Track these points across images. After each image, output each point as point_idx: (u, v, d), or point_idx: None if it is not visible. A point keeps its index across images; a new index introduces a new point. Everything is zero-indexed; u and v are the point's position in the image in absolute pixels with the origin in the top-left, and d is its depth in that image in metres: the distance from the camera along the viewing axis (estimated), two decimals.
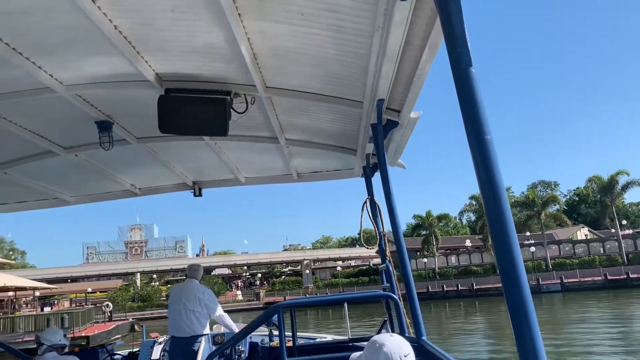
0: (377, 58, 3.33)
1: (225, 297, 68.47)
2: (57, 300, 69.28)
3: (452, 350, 21.26)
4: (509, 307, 1.83)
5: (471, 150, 1.93)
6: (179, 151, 5.92)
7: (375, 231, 5.21)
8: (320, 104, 4.53)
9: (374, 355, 1.97)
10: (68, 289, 73.03)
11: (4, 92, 3.93)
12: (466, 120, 1.98)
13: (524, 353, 1.77)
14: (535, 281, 53.73)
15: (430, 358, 3.48)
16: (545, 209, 63.49)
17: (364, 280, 64.90)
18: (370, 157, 5.40)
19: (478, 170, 1.91)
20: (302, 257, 78.08)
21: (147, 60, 3.75)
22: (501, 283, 1.87)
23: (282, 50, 3.63)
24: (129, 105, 4.55)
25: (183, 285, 6.12)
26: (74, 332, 28.32)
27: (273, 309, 3.88)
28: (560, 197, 73.96)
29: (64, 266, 76.11)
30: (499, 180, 1.88)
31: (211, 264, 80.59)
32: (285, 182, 7.19)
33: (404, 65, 3.44)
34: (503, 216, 1.86)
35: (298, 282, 74.55)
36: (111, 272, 76.77)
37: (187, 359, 5.59)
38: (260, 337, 6.54)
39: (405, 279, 4.24)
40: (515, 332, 1.79)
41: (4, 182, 5.86)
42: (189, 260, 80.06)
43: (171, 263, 78.45)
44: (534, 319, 1.79)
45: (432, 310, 44.27)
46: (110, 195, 7.18)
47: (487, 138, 1.92)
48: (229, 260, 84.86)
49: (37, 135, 4.88)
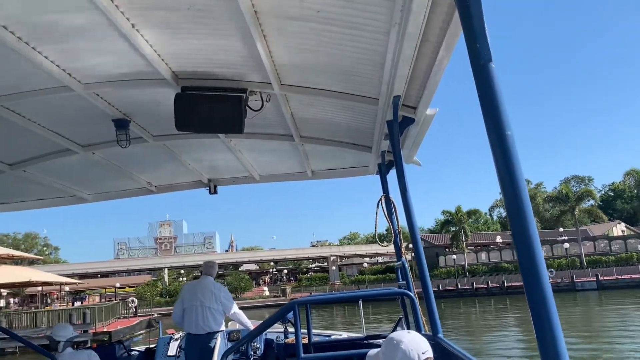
0: (394, 54, 3.31)
1: (251, 293, 69.03)
2: (88, 295, 70.47)
3: (483, 350, 20.64)
4: (530, 305, 1.81)
5: (491, 146, 1.92)
6: (195, 149, 5.96)
7: (391, 228, 5.17)
8: (335, 101, 4.52)
9: (391, 353, 1.98)
10: (97, 284, 74.45)
11: (23, 90, 4.00)
12: (486, 116, 1.96)
13: (545, 351, 1.76)
14: (570, 279, 52.36)
15: (447, 355, 3.44)
16: (579, 204, 61.93)
17: (392, 277, 63.05)
18: (386, 154, 5.37)
19: (498, 166, 1.89)
20: (328, 253, 77.75)
21: (164, 58, 3.78)
22: (522, 281, 1.87)
23: (298, 48, 3.64)
24: (145, 104, 4.60)
25: (198, 282, 6.17)
26: (96, 327, 28.46)
27: (288, 305, 3.90)
28: (595, 192, 71.50)
29: (94, 261, 77.46)
30: (519, 176, 1.86)
31: (237, 259, 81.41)
32: (300, 179, 7.21)
33: (421, 61, 3.42)
34: (524, 213, 1.84)
35: (324, 278, 74.33)
36: (139, 267, 77.68)
37: (204, 356, 5.65)
38: (275, 333, 6.58)
39: (421, 277, 4.21)
40: (536, 331, 1.78)
41: (23, 180, 5.97)
42: (217, 256, 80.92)
43: (198, 258, 78.54)
44: (555, 317, 1.77)
45: (462, 307, 43.22)
46: (127, 193, 7.28)
47: (507, 134, 1.89)
48: (256, 256, 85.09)
49: (56, 134, 4.95)
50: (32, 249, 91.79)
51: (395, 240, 5.23)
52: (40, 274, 40.60)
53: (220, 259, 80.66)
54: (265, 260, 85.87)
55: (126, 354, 6.58)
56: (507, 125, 1.91)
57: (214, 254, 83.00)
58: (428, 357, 1.98)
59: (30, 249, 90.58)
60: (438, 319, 3.95)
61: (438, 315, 3.99)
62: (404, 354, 1.94)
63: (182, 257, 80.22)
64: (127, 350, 6.62)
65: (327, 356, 4.75)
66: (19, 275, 35.00)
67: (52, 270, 64.66)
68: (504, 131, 1.90)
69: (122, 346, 6.60)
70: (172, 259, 79.00)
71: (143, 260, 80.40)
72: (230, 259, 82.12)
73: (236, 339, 6.26)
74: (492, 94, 1.95)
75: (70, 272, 68.30)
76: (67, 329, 4.95)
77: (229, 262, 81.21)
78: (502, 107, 1.93)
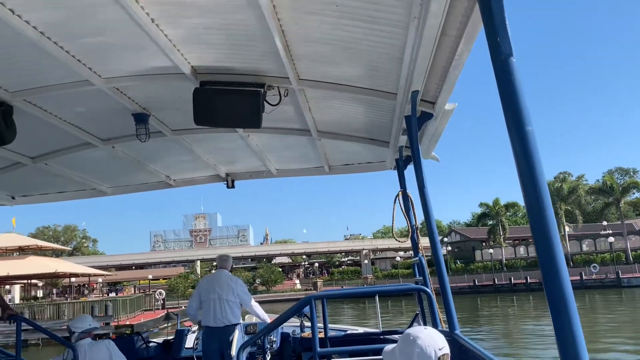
0: (412, 49, 3.27)
1: (282, 286, 68.65)
2: (124, 286, 71.68)
3: (518, 348, 19.75)
4: (549, 303, 1.79)
5: (511, 142, 1.89)
6: (213, 143, 6.00)
7: (408, 224, 5.11)
8: (353, 96, 4.50)
9: (408, 348, 1.99)
10: (130, 275, 75.78)
11: (45, 85, 4.07)
12: (507, 111, 1.93)
13: (564, 349, 1.73)
14: (615, 274, 50.89)
15: (464, 352, 3.42)
16: (624, 196, 59.86)
17: None
18: (403, 149, 5.30)
19: (518, 162, 1.86)
20: (361, 246, 76.46)
21: (183, 53, 3.80)
22: (542, 279, 1.84)
23: (316, 42, 3.62)
24: (164, 98, 4.64)
25: (214, 275, 6.22)
26: (118, 320, 28.44)
27: (305, 300, 3.91)
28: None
29: (129, 253, 78.90)
30: (540, 172, 1.83)
31: (269, 252, 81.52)
32: (317, 174, 7.20)
33: (440, 56, 3.38)
34: (544, 209, 1.81)
35: (357, 272, 73.10)
36: (171, 259, 78.48)
37: (223, 348, 5.73)
38: (291, 327, 6.61)
39: (439, 273, 4.17)
40: (555, 328, 1.75)
41: (45, 173, 6.06)
42: (249, 248, 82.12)
43: (230, 251, 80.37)
44: (575, 315, 1.74)
45: (499, 303, 41.51)
46: (146, 187, 7.35)
47: (528, 129, 1.87)
48: (287, 249, 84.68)
49: (76, 127, 5.02)
50: (71, 241, 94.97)
51: (413, 236, 5.19)
52: (67, 265, 41.21)
53: (252, 252, 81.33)
54: (298, 254, 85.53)
55: (144, 345, 6.67)
56: (528, 121, 1.87)
57: (248, 247, 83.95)
58: (445, 353, 1.98)
59: (69, 241, 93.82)
60: (455, 315, 3.92)
61: (455, 312, 3.93)
62: (420, 350, 1.94)
63: (214, 250, 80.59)
64: (145, 341, 6.70)
65: (342, 350, 4.74)
66: (46, 266, 35.71)
67: (88, 262, 66.17)
68: (524, 127, 1.86)
69: (140, 338, 6.68)
70: (204, 251, 79.65)
71: (175, 252, 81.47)
72: (262, 252, 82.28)
73: (253, 332, 6.32)
74: (512, 89, 1.92)
75: (105, 263, 70.73)
76: (85, 321, 5.05)
77: (261, 254, 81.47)
78: (522, 103, 1.90)
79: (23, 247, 39.56)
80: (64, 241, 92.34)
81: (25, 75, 3.91)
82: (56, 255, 73.26)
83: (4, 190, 6.73)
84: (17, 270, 34.14)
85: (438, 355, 1.95)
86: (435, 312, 4.26)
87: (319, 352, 3.70)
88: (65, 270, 37.61)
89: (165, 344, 6.92)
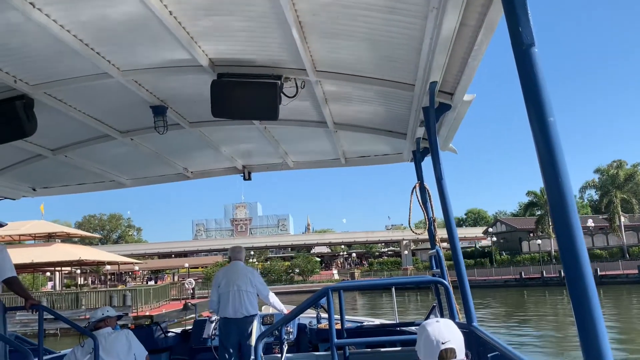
0: (431, 39, 3.25)
1: (319, 276, 67.53)
2: (166, 274, 72.43)
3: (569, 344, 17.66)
4: (572, 299, 1.78)
5: (533, 132, 1.88)
6: (230, 136, 6.03)
7: (425, 216, 5.13)
8: (370, 87, 4.49)
9: (419, 338, 2.14)
10: (168, 264, 76.45)
11: (65, 77, 4.11)
12: (528, 102, 1.91)
13: (588, 348, 1.72)
14: None
15: (481, 344, 3.43)
16: None
17: (469, 263, 57.74)
18: (421, 141, 5.29)
19: (540, 153, 1.84)
20: (401, 236, 72.83)
21: (201, 45, 3.82)
22: (565, 275, 1.83)
23: (333, 33, 3.61)
24: (182, 90, 4.67)
25: (231, 267, 6.25)
26: (137, 310, 27.84)
27: (322, 291, 3.94)
28: None
29: (170, 241, 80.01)
30: (562, 163, 1.82)
31: (306, 241, 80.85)
32: (333, 166, 7.20)
33: (459, 46, 3.34)
34: (566, 202, 1.80)
35: (397, 263, 70.99)
36: (209, 248, 78.70)
37: (242, 339, 5.79)
38: (308, 319, 6.65)
39: (456, 265, 4.17)
40: (578, 325, 1.74)
41: (65, 165, 6.15)
42: (288, 237, 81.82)
43: (268, 240, 79.87)
44: (598, 312, 1.73)
45: (547, 298, 38.02)
46: (164, 178, 7.41)
47: (550, 120, 1.85)
48: (325, 239, 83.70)
49: (96, 120, 5.07)
50: (116, 230, 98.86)
51: (430, 228, 5.19)
52: (93, 252, 41.20)
53: (289, 241, 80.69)
54: (335, 243, 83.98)
55: (163, 335, 6.73)
56: (550, 112, 1.86)
57: (288, 236, 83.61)
58: (448, 347, 2.03)
59: (114, 230, 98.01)
60: (473, 307, 3.91)
61: (473, 304, 3.94)
62: (425, 340, 2.06)
63: (252, 239, 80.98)
64: (164, 331, 6.77)
65: (359, 342, 4.77)
66: (71, 254, 35.74)
67: (131, 250, 68.49)
68: (546, 118, 1.85)
69: (159, 328, 6.75)
70: (240, 240, 78.55)
71: (213, 241, 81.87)
72: (298, 241, 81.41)
73: (269, 323, 6.37)
74: (534, 80, 1.90)
75: (147, 251, 72.47)
76: (99, 310, 5.12)
77: (298, 244, 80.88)
78: (544, 93, 1.88)
79: (52, 234, 39.64)
80: (109, 229, 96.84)
81: (46, 68, 3.95)
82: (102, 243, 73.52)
83: (26, 182, 6.82)
84: (42, 257, 34.25)
85: (441, 348, 2.02)
86: (452, 305, 4.25)
87: (336, 343, 3.72)
88: (90, 258, 37.52)
89: (184, 334, 6.99)
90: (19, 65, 3.85)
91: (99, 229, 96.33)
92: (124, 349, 4.92)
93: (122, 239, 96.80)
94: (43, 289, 46.55)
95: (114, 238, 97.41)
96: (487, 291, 44.73)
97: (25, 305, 4.83)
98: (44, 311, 5.05)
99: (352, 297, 46.92)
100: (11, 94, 4.16)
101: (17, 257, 31.22)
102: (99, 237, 76.44)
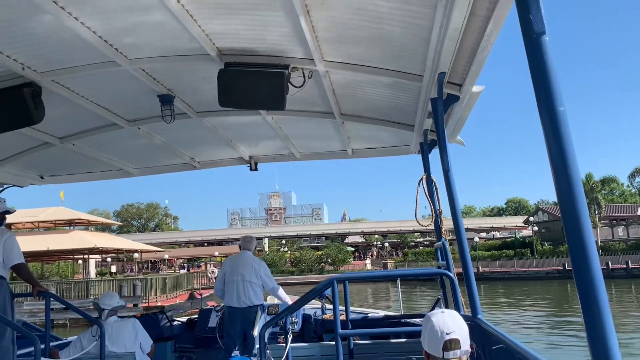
0: (440, 30, 3.22)
1: (350, 266, 65.60)
2: (203, 262, 72.12)
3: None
4: (579, 290, 1.76)
5: (542, 122, 1.86)
6: (237, 126, 6.02)
7: (431, 208, 5.11)
8: (378, 78, 4.46)
9: (423, 328, 2.15)
10: (198, 252, 75.43)
11: (72, 65, 4.12)
12: (538, 91, 1.90)
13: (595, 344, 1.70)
14: None
15: (485, 336, 3.44)
16: None
17: (509, 253, 56.44)
18: (428, 133, 5.26)
19: (549, 143, 1.83)
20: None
21: (209, 34, 3.81)
22: (572, 266, 1.81)
23: (342, 23, 3.59)
24: (189, 79, 4.66)
25: (238, 257, 6.28)
26: (148, 300, 26.80)
27: (327, 282, 3.94)
28: None
29: (204, 229, 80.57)
30: (571, 153, 1.80)
31: (337, 230, 79.87)
32: (340, 158, 7.20)
33: (468, 37, 3.31)
34: (574, 192, 1.78)
35: (432, 253, 66.82)
36: (238, 236, 77.83)
37: (245, 328, 5.82)
38: (313, 309, 6.68)
39: (462, 258, 4.17)
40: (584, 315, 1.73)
41: (73, 153, 6.18)
42: (319, 226, 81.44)
43: (301, 229, 79.43)
44: (605, 304, 1.72)
45: None
46: (171, 168, 7.43)
47: (560, 110, 1.83)
48: (357, 228, 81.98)
49: (103, 108, 5.08)
50: (154, 218, 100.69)
51: (436, 220, 5.17)
52: (110, 240, 40.42)
53: (321, 230, 79.80)
54: (368, 232, 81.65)
55: (168, 323, 6.78)
56: (560, 102, 1.84)
57: (319, 225, 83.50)
58: (452, 338, 2.04)
59: (151, 218, 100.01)
60: (478, 300, 3.92)
61: (478, 296, 3.94)
62: (430, 330, 2.07)
63: (282, 228, 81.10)
64: (169, 320, 6.83)
65: (363, 332, 4.78)
66: (87, 241, 35.06)
67: (165, 238, 70.25)
68: (556, 107, 1.83)
69: (165, 316, 6.80)
70: (271, 229, 79.61)
71: (255, 229, 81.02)
72: (330, 230, 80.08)
73: (274, 313, 6.39)
74: (545, 69, 1.88)
75: (182, 239, 73.37)
76: (114, 298, 5.14)
77: (329, 233, 79.56)
78: (555, 83, 1.86)
79: (72, 221, 39.12)
80: (146, 218, 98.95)
81: (54, 56, 3.96)
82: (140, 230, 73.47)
83: (33, 170, 6.87)
84: (57, 245, 33.77)
85: (445, 338, 2.03)
86: (457, 297, 4.26)
87: (340, 334, 3.73)
88: (106, 245, 36.60)
89: (190, 323, 7.02)
90: (27, 53, 3.85)
91: (137, 217, 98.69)
92: (130, 337, 4.96)
93: (159, 227, 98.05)
94: (77, 276, 45.88)
95: (151, 226, 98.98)
96: (526, 283, 43.55)
97: (32, 292, 4.88)
98: (51, 298, 5.11)
99: (363, 289, 45.85)
100: (19, 81, 4.16)
101: (32, 244, 30.78)
102: (118, 224, 76.61)
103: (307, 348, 4.54)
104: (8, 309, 4.61)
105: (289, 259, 70.35)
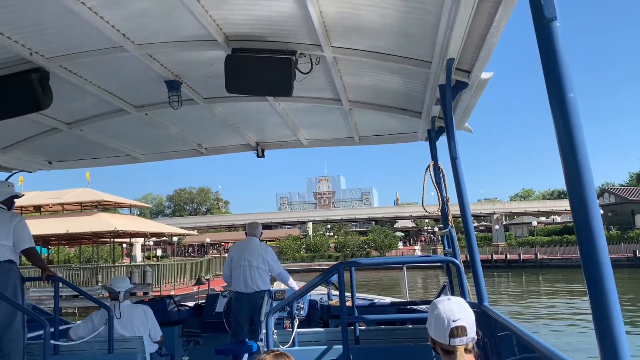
0: (449, 15, 3.18)
1: (396, 252, 62.14)
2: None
3: None
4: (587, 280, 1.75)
5: (552, 109, 1.84)
6: (243, 112, 6.01)
7: (438, 196, 5.10)
8: (386, 64, 4.43)
9: (430, 315, 2.16)
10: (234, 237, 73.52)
11: (79, 51, 4.12)
12: (548, 77, 1.87)
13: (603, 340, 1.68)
14: None
15: (491, 324, 3.45)
16: None
17: (570, 239, 50.76)
18: (436, 120, 5.23)
19: (558, 130, 1.81)
20: (490, 210, 66.04)
21: (216, 19, 3.80)
22: (580, 256, 1.80)
23: (350, 8, 3.56)
24: (197, 65, 4.64)
25: (245, 242, 6.35)
26: (161, 289, 25.73)
27: (333, 268, 3.97)
28: None
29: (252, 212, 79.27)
30: (580, 140, 1.78)
31: (384, 214, 76.20)
32: (347, 144, 7.18)
33: (477, 22, 3.27)
34: (584, 179, 1.76)
35: (487, 238, 63.91)
36: (282, 220, 77.25)
37: (252, 313, 5.89)
38: (319, 295, 6.73)
39: (469, 245, 4.17)
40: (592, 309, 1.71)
41: (80, 139, 6.20)
42: (370, 210, 79.23)
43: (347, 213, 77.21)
44: (614, 295, 1.70)
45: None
46: (179, 154, 7.44)
47: (570, 96, 1.81)
48: (404, 212, 77.08)
49: (110, 94, 5.08)
50: (205, 203, 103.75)
51: (443, 208, 5.16)
52: (132, 223, 38.50)
53: (367, 214, 76.75)
54: (416, 217, 76.69)
55: (176, 308, 6.85)
56: (570, 88, 1.81)
57: (366, 209, 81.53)
58: (459, 325, 2.04)
59: (203, 203, 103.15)
60: (484, 287, 3.92)
61: (484, 284, 3.95)
62: (436, 318, 2.08)
63: (326, 211, 79.61)
64: (177, 305, 6.89)
65: (369, 318, 4.82)
66: (108, 224, 33.58)
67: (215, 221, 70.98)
68: (566, 94, 1.81)
69: (172, 301, 6.87)
70: (315, 213, 77.85)
71: (293, 213, 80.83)
72: (376, 214, 75.99)
73: (281, 299, 6.45)
74: (555, 55, 1.85)
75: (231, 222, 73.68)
76: (125, 281, 5.24)
77: (376, 217, 76.22)
78: (565, 69, 1.84)
79: (101, 203, 37.21)
80: (197, 202, 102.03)
81: (61, 41, 3.95)
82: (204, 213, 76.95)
83: (42, 155, 6.90)
84: (78, 227, 32.36)
85: (452, 325, 2.03)
86: (464, 284, 4.27)
87: (346, 319, 3.75)
88: (128, 228, 34.83)
89: (197, 308, 7.09)
90: (34, 38, 3.85)
91: (189, 202, 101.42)
92: (140, 323, 5.05)
93: (210, 211, 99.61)
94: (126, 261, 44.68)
95: (202, 211, 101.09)
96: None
97: (41, 276, 4.94)
98: (60, 282, 5.17)
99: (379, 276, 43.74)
100: (27, 66, 4.16)
101: (52, 227, 30.71)
102: (149, 206, 75.52)
103: (313, 333, 4.58)
104: (19, 293, 4.66)
105: (333, 244, 67.83)
